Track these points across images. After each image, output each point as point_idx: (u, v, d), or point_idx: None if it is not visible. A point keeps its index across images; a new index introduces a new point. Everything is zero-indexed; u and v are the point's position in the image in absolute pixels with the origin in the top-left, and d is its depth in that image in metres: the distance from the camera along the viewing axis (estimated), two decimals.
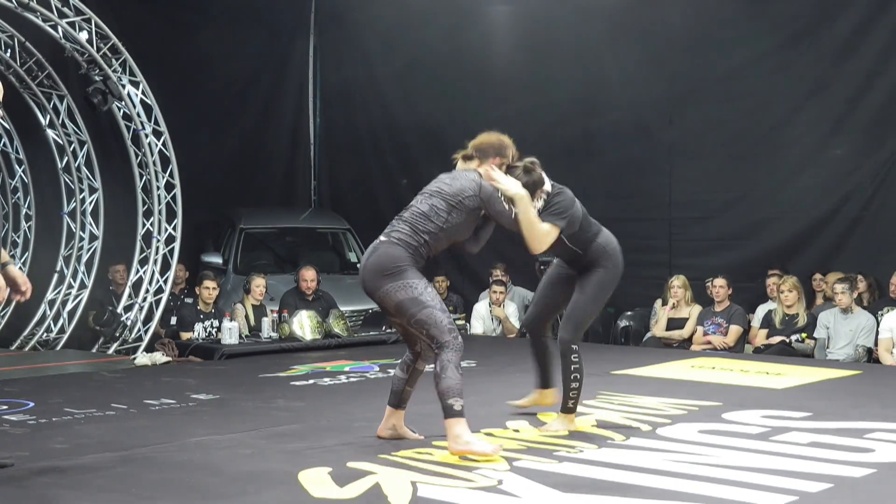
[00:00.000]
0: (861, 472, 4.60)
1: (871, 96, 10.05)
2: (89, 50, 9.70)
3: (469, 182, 5.22)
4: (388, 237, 5.11)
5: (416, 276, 5.01)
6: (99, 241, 10.75)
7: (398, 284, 4.95)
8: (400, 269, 4.98)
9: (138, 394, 7.01)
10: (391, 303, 4.99)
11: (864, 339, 8.82)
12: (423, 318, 4.95)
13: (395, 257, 5.01)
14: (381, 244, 5.09)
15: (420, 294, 4.95)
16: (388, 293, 4.97)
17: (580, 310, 5.65)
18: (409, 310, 4.95)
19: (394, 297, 4.96)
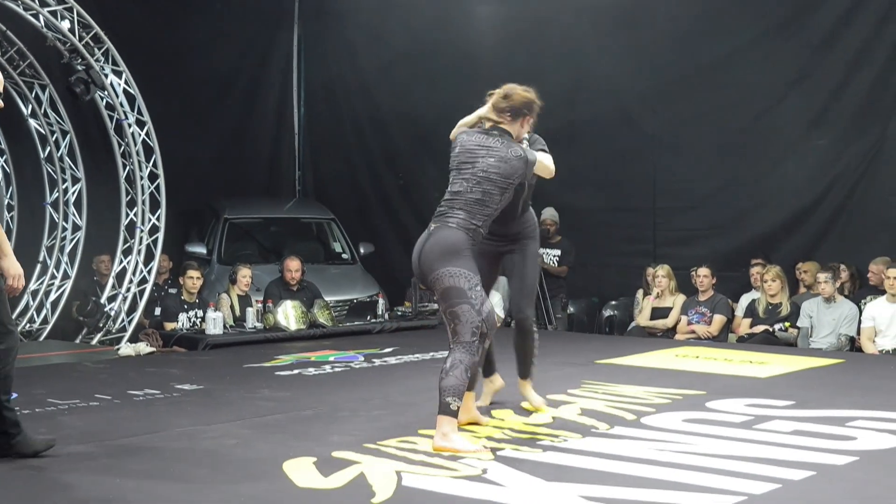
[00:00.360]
0: (843, 459, 4.63)
1: (853, 86, 10.08)
2: (71, 39, 9.64)
3: (517, 163, 5.22)
4: (443, 223, 5.13)
5: (473, 269, 5.06)
6: (82, 232, 10.69)
7: (454, 271, 5.00)
8: (460, 253, 5.05)
9: (122, 384, 6.98)
10: (441, 286, 5.04)
11: (847, 327, 8.87)
12: (458, 312, 4.97)
13: (456, 240, 5.07)
14: (439, 229, 5.13)
15: (469, 289, 4.97)
16: (441, 277, 5.02)
17: (533, 285, 5.80)
18: (451, 299, 5.00)
19: (445, 282, 5.01)
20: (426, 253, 5.10)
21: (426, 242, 5.13)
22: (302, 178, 14.68)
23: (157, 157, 10.28)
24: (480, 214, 5.13)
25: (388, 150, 13.67)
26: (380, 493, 4.14)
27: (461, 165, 5.24)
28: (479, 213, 5.12)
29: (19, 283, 4.73)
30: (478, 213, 5.12)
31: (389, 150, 13.66)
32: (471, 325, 4.94)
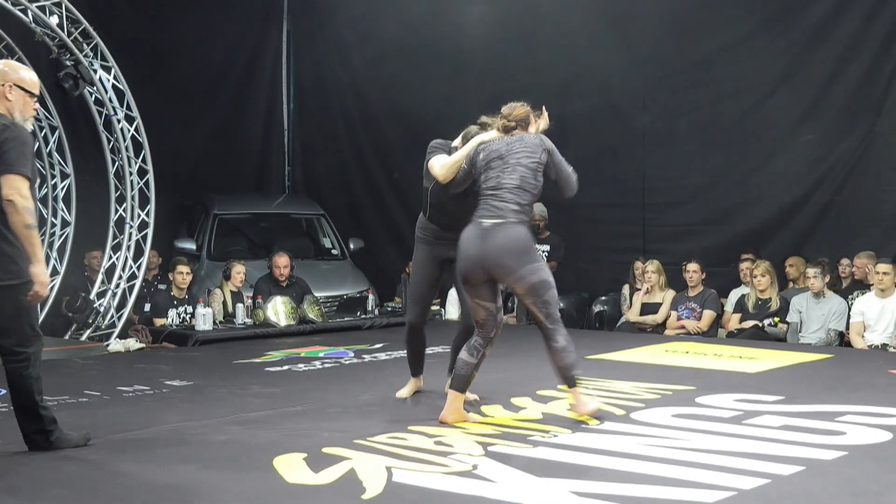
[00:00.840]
0: (832, 454, 4.64)
1: (842, 82, 10.10)
2: (60, 34, 9.61)
3: (537, 143, 5.63)
4: (500, 220, 5.26)
5: (540, 257, 5.41)
6: (71, 227, 10.67)
7: (534, 267, 5.25)
8: (532, 249, 5.31)
9: (112, 380, 6.97)
10: (528, 284, 5.24)
11: (836, 323, 8.89)
12: (549, 299, 5.28)
13: (525, 237, 5.30)
14: (501, 228, 5.25)
15: (548, 276, 5.32)
16: (526, 276, 5.22)
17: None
18: (543, 291, 5.26)
19: (532, 279, 5.23)
20: (497, 256, 5.22)
21: (488, 242, 5.24)
22: (292, 174, 14.67)
23: (146, 153, 10.26)
24: (525, 202, 5.36)
25: (379, 145, 13.66)
26: (370, 489, 4.14)
27: (490, 164, 5.43)
28: (524, 199, 5.35)
29: (44, 292, 4.74)
30: (523, 200, 5.34)
31: (380, 145, 13.65)
32: (557, 302, 5.37)
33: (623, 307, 10.50)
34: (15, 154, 4.61)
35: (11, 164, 4.59)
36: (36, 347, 4.80)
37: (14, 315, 4.71)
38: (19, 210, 4.60)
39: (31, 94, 4.92)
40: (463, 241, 5.31)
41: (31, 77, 4.96)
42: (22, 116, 4.85)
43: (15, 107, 4.82)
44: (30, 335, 4.76)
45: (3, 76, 4.86)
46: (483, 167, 5.45)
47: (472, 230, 5.31)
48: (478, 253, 5.24)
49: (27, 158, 4.67)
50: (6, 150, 4.61)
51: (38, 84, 4.99)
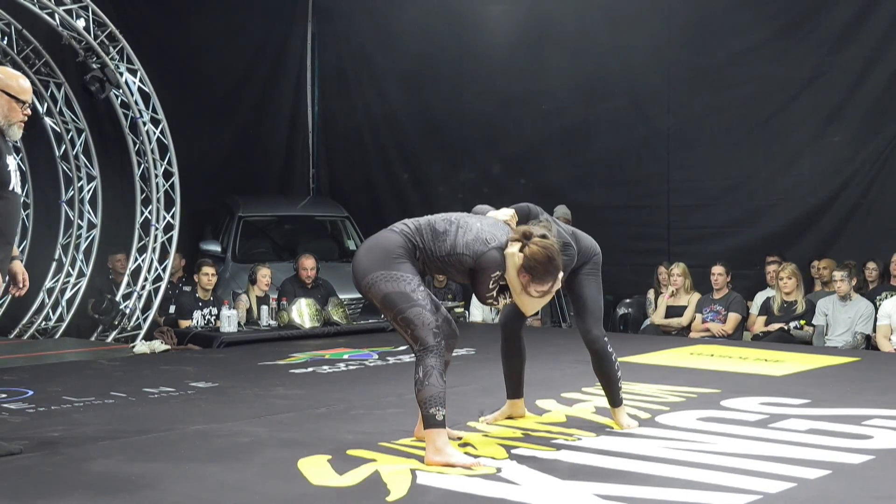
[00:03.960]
0: (859, 458, 4.61)
1: (868, 84, 10.04)
2: (87, 37, 9.68)
3: (481, 247, 4.71)
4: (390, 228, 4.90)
5: (411, 271, 4.70)
6: (97, 230, 10.75)
7: (388, 275, 4.64)
8: (396, 258, 4.70)
9: (137, 382, 7.01)
10: (378, 294, 4.64)
11: (863, 325, 8.83)
12: (409, 317, 4.59)
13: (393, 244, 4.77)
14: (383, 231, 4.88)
15: (412, 290, 4.61)
16: (375, 282, 4.64)
17: (595, 301, 5.41)
18: (396, 305, 4.60)
19: (381, 289, 4.62)
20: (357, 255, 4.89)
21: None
22: (316, 176, 14.70)
23: (171, 155, 10.31)
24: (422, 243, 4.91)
25: (402, 147, 13.68)
26: (394, 492, 4.14)
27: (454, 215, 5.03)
28: (425, 241, 4.92)
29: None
30: (425, 238, 4.93)
31: (403, 147, 13.67)
32: (428, 325, 4.65)
33: (648, 310, 10.46)
34: None
35: None
36: None
37: None
38: None
39: (18, 99, 4.93)
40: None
41: (18, 83, 4.96)
42: (7, 121, 4.92)
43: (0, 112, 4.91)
44: None
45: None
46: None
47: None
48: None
49: None
50: None
51: (26, 90, 4.97)
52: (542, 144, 12.22)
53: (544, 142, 12.19)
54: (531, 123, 12.32)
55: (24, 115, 5.02)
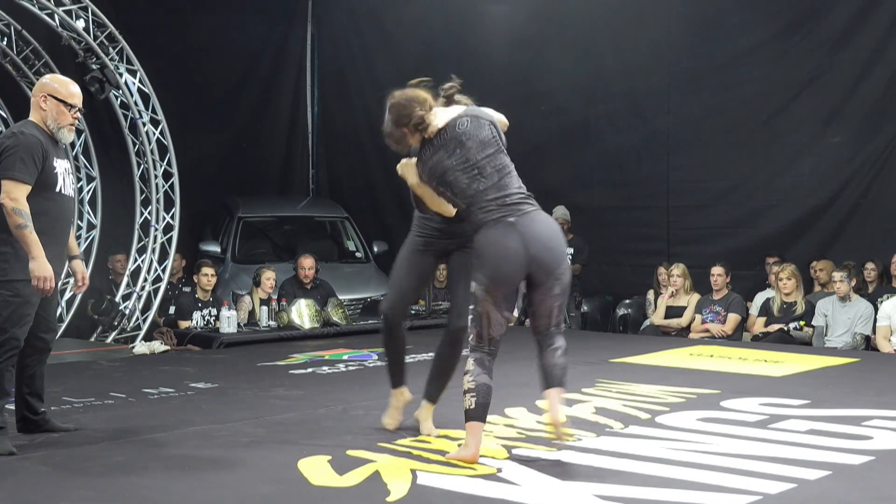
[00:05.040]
0: (859, 459, 4.61)
1: (868, 84, 10.04)
2: (86, 38, 9.68)
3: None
4: (532, 207, 4.66)
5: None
6: (97, 230, 10.74)
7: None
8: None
9: (137, 382, 7.01)
10: (566, 279, 4.62)
11: (862, 326, 8.83)
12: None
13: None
14: (540, 214, 4.65)
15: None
16: (566, 269, 4.63)
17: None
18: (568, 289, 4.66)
19: (568, 275, 4.65)
20: (557, 245, 4.59)
21: (546, 232, 4.55)
22: (315, 177, 14.71)
23: (171, 156, 10.31)
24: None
25: None
26: (395, 492, 4.14)
27: (467, 143, 4.83)
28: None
29: (45, 286, 4.93)
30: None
31: None
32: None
33: (648, 311, 10.47)
34: (10, 160, 4.90)
35: (5, 170, 4.90)
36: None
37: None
38: (8, 212, 4.88)
39: (67, 104, 5.14)
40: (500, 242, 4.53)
41: (67, 88, 5.19)
42: (56, 125, 5.14)
43: (49, 116, 5.12)
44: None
45: (40, 87, 5.19)
46: (458, 168, 4.75)
47: (510, 229, 4.54)
48: (543, 248, 4.52)
49: (24, 163, 4.91)
50: (4, 157, 4.92)
51: (75, 95, 5.19)
52: (541, 145, 12.21)
53: (544, 142, 12.18)
54: (531, 124, 12.31)
55: (74, 119, 5.20)
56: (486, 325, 4.55)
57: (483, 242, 4.52)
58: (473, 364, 4.55)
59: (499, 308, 4.54)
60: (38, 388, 5.25)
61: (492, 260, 4.48)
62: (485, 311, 4.52)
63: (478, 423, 4.54)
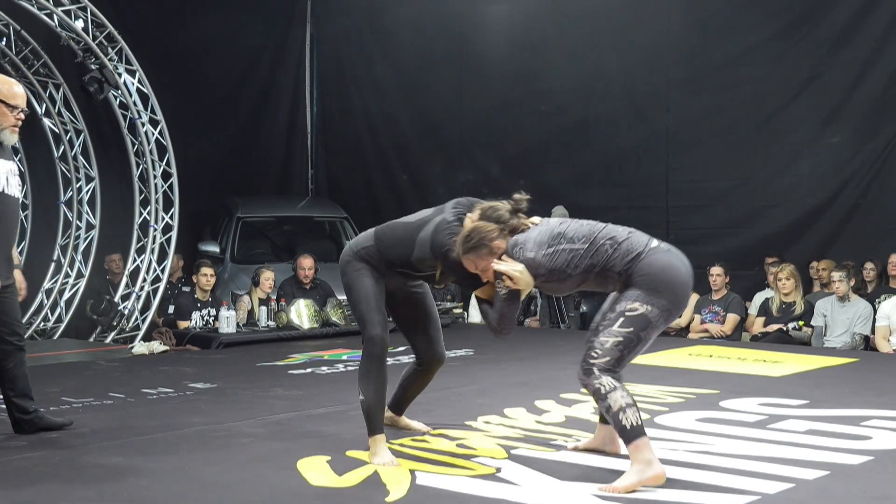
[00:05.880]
0: (858, 459, 4.61)
1: (867, 85, 10.05)
2: (85, 38, 9.68)
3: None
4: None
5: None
6: (96, 231, 10.74)
7: None
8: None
9: (136, 383, 7.00)
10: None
11: (861, 326, 8.84)
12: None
13: None
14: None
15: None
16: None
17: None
18: None
19: None
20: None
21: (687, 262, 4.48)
22: (315, 177, 14.71)
23: (170, 156, 10.31)
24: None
25: (401, 148, 13.68)
26: (394, 492, 4.14)
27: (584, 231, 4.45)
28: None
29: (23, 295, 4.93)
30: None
31: (402, 148, 13.67)
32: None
33: None
34: None
35: None
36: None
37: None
38: None
39: (8, 104, 5.02)
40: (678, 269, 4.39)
41: (10, 89, 5.06)
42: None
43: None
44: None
45: None
46: (581, 240, 4.42)
47: (675, 257, 4.42)
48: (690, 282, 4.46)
49: None
50: None
51: (18, 95, 5.07)
52: (540, 145, 12.23)
53: (543, 142, 12.19)
54: (530, 124, 12.33)
55: (17, 120, 5.08)
56: (635, 350, 4.35)
57: (656, 267, 4.32)
58: (616, 381, 4.28)
59: (657, 333, 4.39)
60: (22, 388, 5.21)
61: (673, 284, 4.32)
62: (647, 336, 4.31)
63: (646, 437, 4.25)
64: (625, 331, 4.30)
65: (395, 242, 4.85)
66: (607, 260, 4.36)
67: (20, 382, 5.21)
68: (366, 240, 5.01)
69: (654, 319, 4.29)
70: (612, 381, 4.27)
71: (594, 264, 4.38)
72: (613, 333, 4.32)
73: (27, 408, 5.23)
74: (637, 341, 4.32)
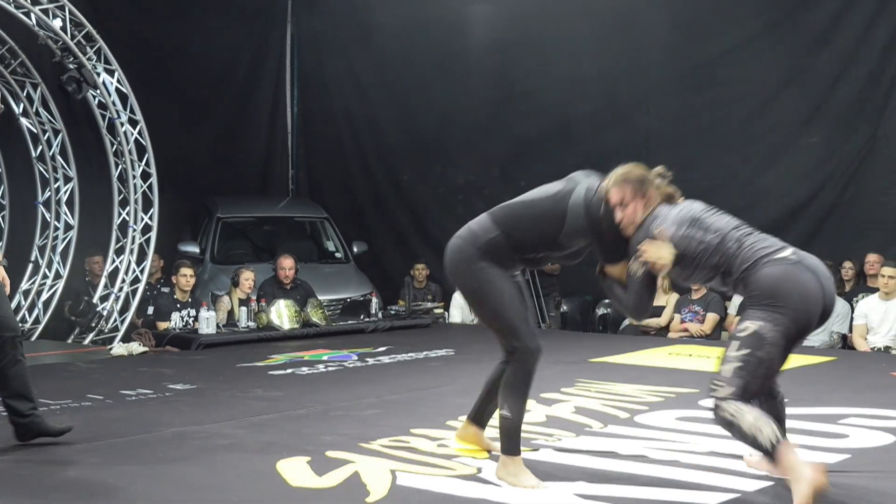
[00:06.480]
0: (835, 457, 4.64)
1: (845, 85, 10.11)
2: (63, 37, 9.62)
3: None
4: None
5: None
6: (74, 231, 10.67)
7: None
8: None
9: (115, 384, 6.97)
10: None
11: (839, 325, 8.89)
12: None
13: None
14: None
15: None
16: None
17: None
18: None
19: None
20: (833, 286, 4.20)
21: (825, 271, 4.20)
22: (295, 177, 14.68)
23: (149, 156, 10.26)
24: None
25: (382, 148, 13.67)
26: (374, 493, 4.14)
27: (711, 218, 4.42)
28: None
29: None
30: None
31: (383, 148, 13.66)
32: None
33: None
34: None
35: None
36: None
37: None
38: None
39: None
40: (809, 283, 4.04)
41: None
42: None
43: None
44: None
45: None
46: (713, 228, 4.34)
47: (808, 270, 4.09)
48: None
49: None
50: None
51: None
52: (522, 146, 12.24)
53: (524, 143, 12.20)
54: (511, 125, 12.34)
55: None
56: (764, 376, 4.00)
57: (771, 279, 4.01)
58: (741, 405, 3.93)
59: (783, 357, 4.06)
60: (16, 389, 4.98)
61: (787, 296, 3.96)
62: (769, 356, 3.95)
63: (785, 441, 3.92)
64: (741, 354, 3.94)
65: (533, 223, 4.39)
66: (727, 262, 4.12)
67: (14, 382, 4.96)
68: (484, 231, 4.40)
69: (770, 337, 3.92)
70: (739, 406, 3.91)
71: (718, 264, 4.14)
72: (731, 359, 3.97)
73: (22, 410, 4.98)
74: (758, 363, 3.93)
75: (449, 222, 13.41)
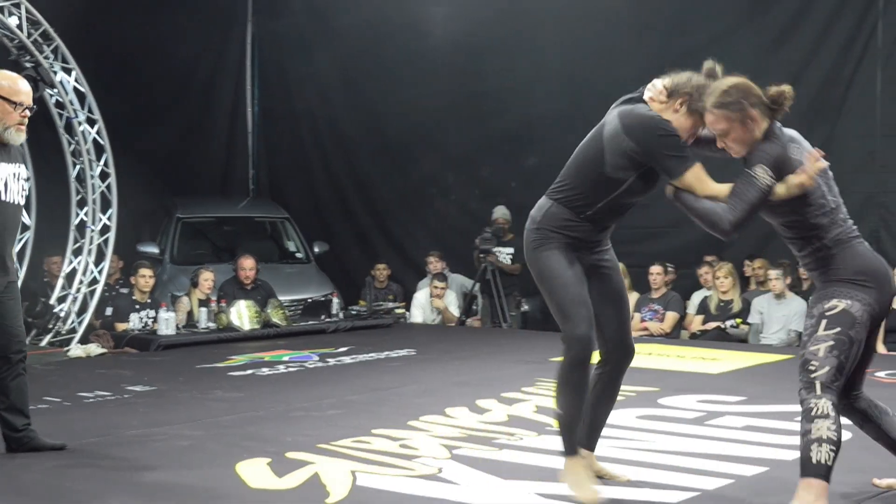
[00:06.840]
0: (795, 454, 4.65)
1: (802, 86, 10.16)
2: (19, 36, 9.50)
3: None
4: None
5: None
6: (31, 232, 10.53)
7: None
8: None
9: (72, 386, 6.90)
10: None
11: (797, 324, 8.97)
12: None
13: None
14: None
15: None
16: None
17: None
18: None
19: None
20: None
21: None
22: (256, 177, 14.60)
23: (108, 156, 10.15)
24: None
25: (344, 148, 13.63)
26: (335, 493, 4.12)
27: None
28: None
29: None
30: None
31: (345, 148, 13.61)
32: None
33: None
34: None
35: None
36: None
37: None
38: None
39: (12, 102, 4.77)
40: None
41: (10, 85, 4.82)
42: (2, 125, 4.79)
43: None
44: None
45: None
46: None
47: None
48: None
49: None
50: None
51: (22, 92, 4.83)
52: (484, 145, 12.24)
53: (487, 143, 12.20)
54: (474, 124, 12.34)
55: (22, 118, 4.84)
56: (851, 354, 3.78)
57: (871, 259, 3.93)
58: (832, 409, 3.70)
59: (865, 332, 3.86)
60: (13, 402, 4.86)
61: (880, 279, 3.87)
62: (858, 336, 3.77)
63: (826, 483, 3.72)
64: (832, 332, 3.76)
65: (578, 172, 4.43)
66: (827, 229, 4.00)
67: (13, 395, 4.87)
68: (539, 209, 4.38)
69: (858, 316, 3.78)
70: (829, 409, 3.70)
71: (819, 225, 4.00)
72: (821, 339, 3.77)
73: (16, 425, 4.88)
74: (850, 343, 3.76)
75: (411, 222, 13.54)
